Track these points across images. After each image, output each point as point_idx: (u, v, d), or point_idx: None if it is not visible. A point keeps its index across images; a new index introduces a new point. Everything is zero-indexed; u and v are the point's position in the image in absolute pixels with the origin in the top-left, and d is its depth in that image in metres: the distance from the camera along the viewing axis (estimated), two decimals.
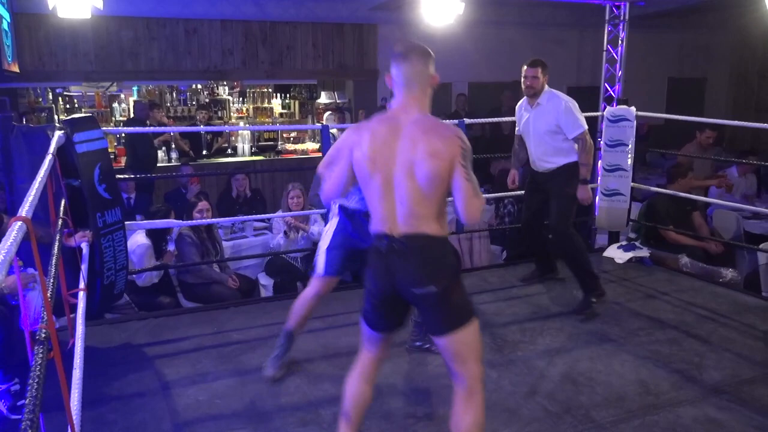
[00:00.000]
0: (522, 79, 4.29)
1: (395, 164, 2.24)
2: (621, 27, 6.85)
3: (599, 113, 5.71)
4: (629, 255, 5.32)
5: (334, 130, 8.02)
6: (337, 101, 9.87)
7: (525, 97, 4.34)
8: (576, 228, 6.76)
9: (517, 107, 4.51)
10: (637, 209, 5.88)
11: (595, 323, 4.07)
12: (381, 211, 2.28)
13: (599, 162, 5.44)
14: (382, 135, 2.28)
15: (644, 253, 5.33)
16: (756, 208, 5.62)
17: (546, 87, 4.29)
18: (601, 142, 5.43)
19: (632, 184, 5.36)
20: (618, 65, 6.96)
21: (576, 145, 4.15)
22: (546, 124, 4.21)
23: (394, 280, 2.26)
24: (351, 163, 2.33)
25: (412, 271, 2.22)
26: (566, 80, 10.02)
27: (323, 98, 9.96)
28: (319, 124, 6.12)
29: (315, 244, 5.02)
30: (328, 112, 9.25)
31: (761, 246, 4.90)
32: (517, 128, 4.50)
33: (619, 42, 6.87)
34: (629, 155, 5.29)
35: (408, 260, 2.22)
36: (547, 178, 4.30)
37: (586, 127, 4.14)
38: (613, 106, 5.70)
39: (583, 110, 4.24)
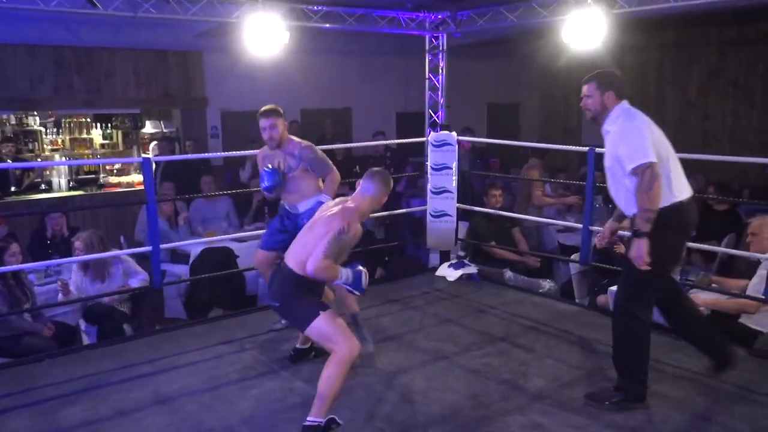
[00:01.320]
0: None
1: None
2: (440, 56, 7.25)
3: (424, 139, 5.97)
4: (459, 272, 5.59)
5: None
6: (164, 131, 9.46)
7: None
8: (407, 248, 7.03)
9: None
10: (464, 229, 6.21)
11: (429, 341, 4.20)
12: None
13: (428, 185, 5.69)
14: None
15: (472, 269, 5.63)
16: (566, 222, 6.16)
17: (615, 107, 3.12)
18: (428, 166, 5.68)
19: (457, 204, 5.65)
20: (440, 92, 7.35)
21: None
22: (608, 157, 3.12)
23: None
24: None
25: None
26: (395, 106, 10.42)
27: (149, 128, 9.51)
28: (142, 157, 5.79)
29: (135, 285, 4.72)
30: (154, 143, 8.84)
31: (572, 257, 5.37)
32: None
33: (440, 70, 7.27)
34: (453, 177, 5.58)
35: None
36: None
37: (652, 158, 2.92)
38: (437, 131, 5.99)
39: (410, 135, 4.31)
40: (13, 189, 7.85)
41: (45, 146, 8.74)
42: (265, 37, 5.56)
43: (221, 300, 5.64)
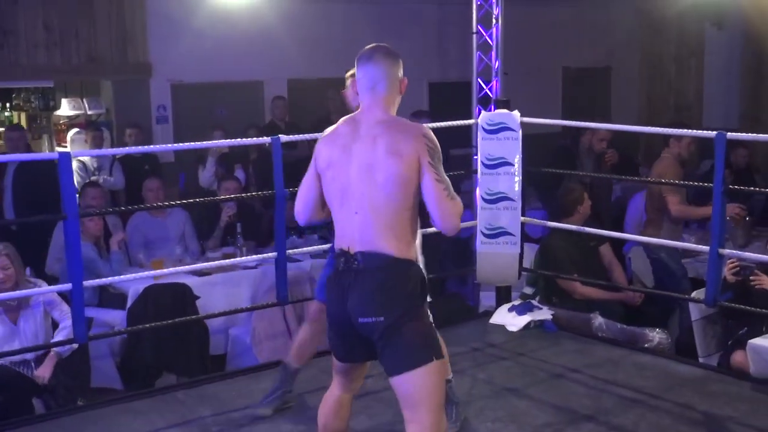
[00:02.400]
0: None
1: (352, 168, 2.92)
2: (495, 0, 7.29)
3: (473, 121, 5.98)
4: (526, 319, 5.57)
5: (86, 159, 7.76)
6: (88, 113, 9.56)
7: None
8: (447, 283, 7.01)
9: None
10: (532, 254, 6.20)
11: (482, 421, 4.20)
12: (339, 223, 2.98)
13: (476, 190, 5.70)
14: (342, 139, 2.99)
15: (545, 314, 5.61)
16: (685, 244, 6.13)
17: None
18: (478, 161, 5.69)
19: (523, 218, 5.65)
20: (494, 53, 7.38)
21: None
22: None
23: (346, 306, 2.90)
24: (315, 174, 3.07)
25: (361, 297, 2.86)
26: (427, 74, 10.46)
27: (66, 109, 9.61)
28: (57, 151, 5.86)
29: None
30: (75, 130, 8.93)
31: (695, 294, 5.33)
32: None
33: (494, 21, 7.29)
34: (516, 178, 5.58)
35: (359, 283, 2.88)
36: None
37: None
38: (490, 110, 6.00)
39: (451, 115, 4.33)
40: None
41: None
42: None
43: (174, 362, 5.65)
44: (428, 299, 3.08)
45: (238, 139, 6.36)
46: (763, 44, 10.80)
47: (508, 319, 5.64)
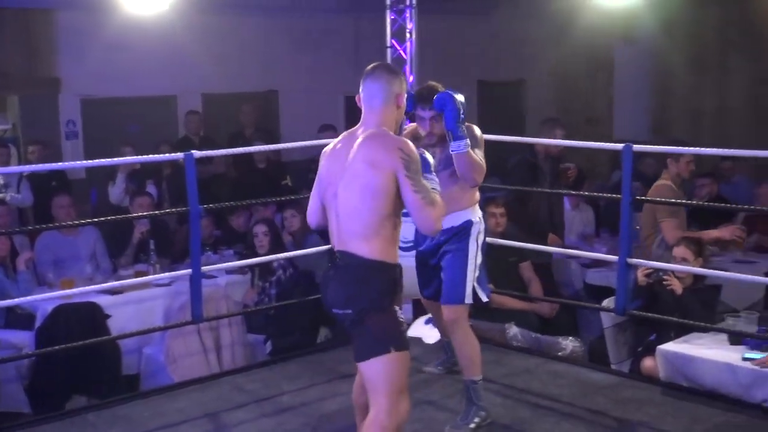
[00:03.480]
0: None
1: (339, 177, 3.23)
2: (408, 14, 7.36)
3: None
4: None
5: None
6: None
7: None
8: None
9: None
10: None
11: None
12: (329, 225, 3.33)
13: None
14: (338, 149, 3.32)
15: None
16: (596, 254, 6.26)
17: None
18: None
19: None
20: (408, 66, 7.44)
21: None
22: None
23: (327, 296, 3.32)
24: (318, 182, 3.43)
25: (335, 290, 3.26)
26: (342, 87, 10.49)
27: None
28: None
29: None
30: None
31: (605, 303, 5.44)
32: None
33: (407, 35, 7.36)
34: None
35: (336, 278, 3.26)
36: None
37: None
38: (407, 123, 6.03)
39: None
40: None
41: None
42: None
43: (84, 383, 5.55)
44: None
45: (151, 155, 6.27)
46: (670, 59, 11.15)
47: (425, 331, 5.67)
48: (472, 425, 4.21)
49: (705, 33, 10.92)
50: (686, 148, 5.75)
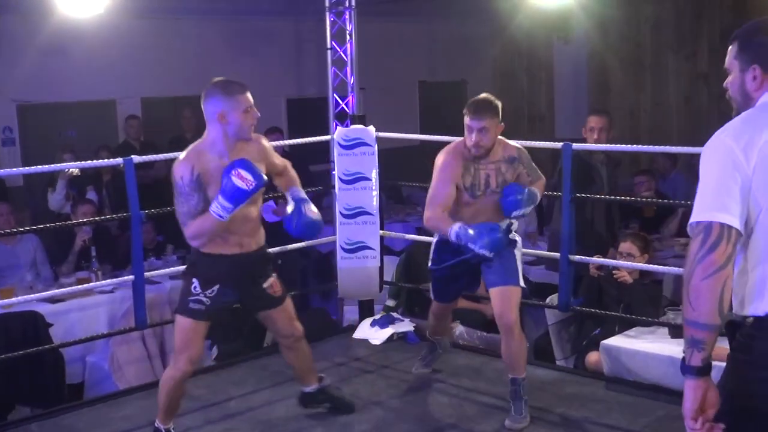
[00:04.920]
0: None
1: None
2: (348, 16, 7.36)
3: (329, 137, 6.03)
4: (388, 332, 5.64)
5: None
6: None
7: None
8: (310, 299, 6.99)
9: None
10: (393, 266, 6.29)
11: None
12: None
13: (335, 205, 5.75)
14: None
15: (407, 326, 5.70)
16: (539, 251, 6.34)
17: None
18: (336, 177, 5.74)
19: (382, 232, 5.72)
20: (349, 69, 7.44)
21: None
22: None
23: None
24: None
25: None
26: (284, 90, 10.48)
27: None
28: None
29: None
30: None
31: (549, 300, 5.52)
32: None
33: (347, 37, 7.37)
34: (374, 192, 5.66)
35: None
36: None
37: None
38: (346, 125, 6.07)
39: (310, 131, 4.37)
40: None
41: None
42: None
43: (27, 393, 5.47)
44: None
45: (90, 161, 6.19)
46: (607, 58, 11.33)
47: (371, 332, 5.70)
48: (528, 417, 4.27)
49: (640, 32, 11.12)
50: (624, 146, 5.84)
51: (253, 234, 3.96)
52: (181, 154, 3.80)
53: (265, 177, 3.77)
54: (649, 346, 4.73)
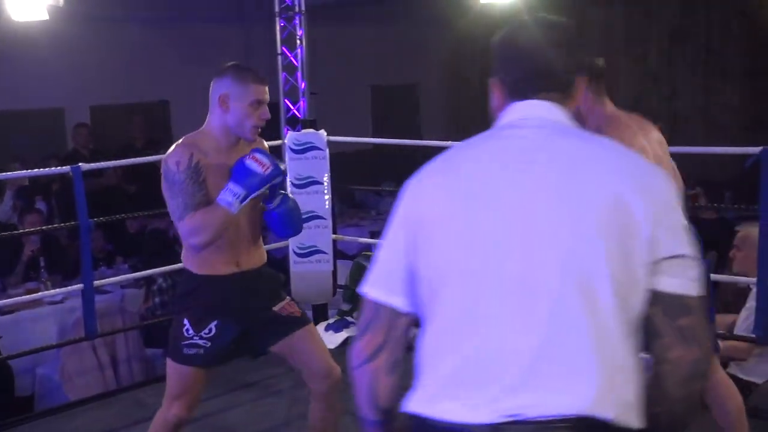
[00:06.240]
0: None
1: None
2: (297, 21, 7.38)
3: (281, 141, 6.04)
4: (343, 335, 5.65)
5: None
6: None
7: None
8: None
9: None
10: (347, 270, 6.30)
11: None
12: None
13: None
14: None
15: None
16: None
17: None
18: (287, 182, 5.74)
19: (334, 236, 5.73)
20: (299, 73, 7.45)
21: None
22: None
23: None
24: None
25: None
26: None
27: None
28: None
29: None
30: None
31: None
32: None
33: (297, 42, 7.38)
34: (326, 196, 5.67)
35: None
36: None
37: None
38: (298, 130, 6.07)
39: (262, 136, 4.33)
40: None
41: None
42: None
43: None
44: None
45: (38, 170, 6.13)
46: None
47: (326, 337, 5.68)
48: None
49: (589, 35, 11.27)
50: None
51: (252, 248, 3.31)
52: (175, 144, 3.22)
53: (283, 167, 3.30)
54: None
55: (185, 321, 3.23)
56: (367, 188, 6.68)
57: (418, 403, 1.72)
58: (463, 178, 1.73)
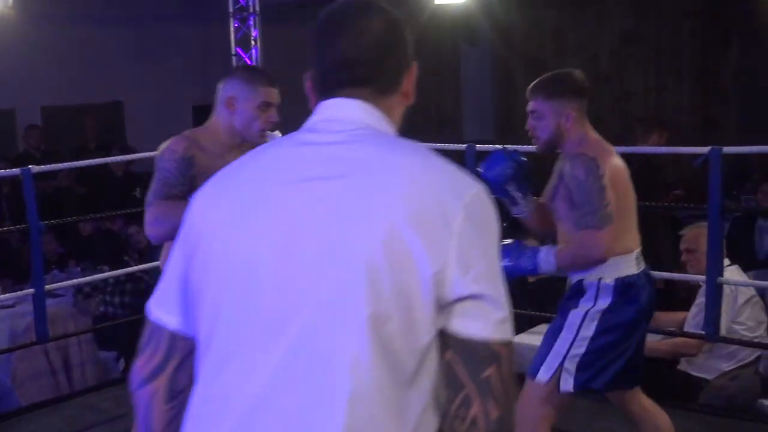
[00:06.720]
0: None
1: None
2: (252, 21, 7.38)
3: None
4: None
5: None
6: None
7: None
8: None
9: None
10: None
11: None
12: None
13: None
14: None
15: None
16: None
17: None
18: None
19: None
20: None
21: None
22: None
23: None
24: None
25: None
26: (189, 97, 10.38)
27: None
28: None
29: None
30: None
31: None
32: None
33: (252, 42, 7.39)
34: None
35: None
36: None
37: None
38: None
39: None
40: None
41: None
42: None
43: None
44: None
45: None
46: (510, 62, 11.56)
47: None
48: None
49: (542, 36, 11.38)
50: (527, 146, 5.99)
51: None
52: (175, 136, 3.19)
53: None
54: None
55: None
56: None
57: None
58: (241, 188, 1.50)
